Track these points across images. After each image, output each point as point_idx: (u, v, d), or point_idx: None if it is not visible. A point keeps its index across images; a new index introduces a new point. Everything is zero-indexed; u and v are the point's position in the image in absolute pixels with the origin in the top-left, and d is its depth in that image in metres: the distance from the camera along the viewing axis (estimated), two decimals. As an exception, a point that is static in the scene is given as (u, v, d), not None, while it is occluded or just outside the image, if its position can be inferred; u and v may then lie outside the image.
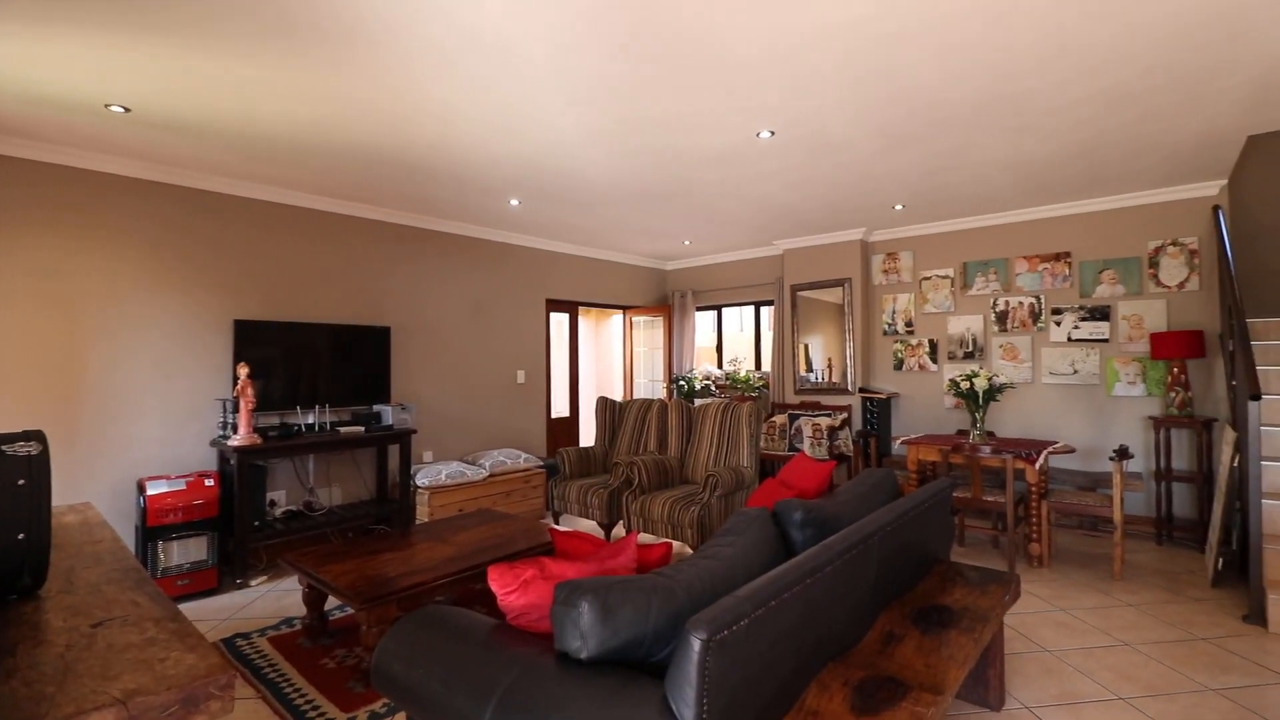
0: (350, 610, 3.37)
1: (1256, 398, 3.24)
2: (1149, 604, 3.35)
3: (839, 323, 6.23)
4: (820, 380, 6.35)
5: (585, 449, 5.07)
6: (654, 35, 2.48)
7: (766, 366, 7.12)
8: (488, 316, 5.93)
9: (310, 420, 4.46)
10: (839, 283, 6.21)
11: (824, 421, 5.61)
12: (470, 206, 5.06)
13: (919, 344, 5.93)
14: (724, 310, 7.62)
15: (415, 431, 4.74)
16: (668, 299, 7.86)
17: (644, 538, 4.50)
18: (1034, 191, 4.83)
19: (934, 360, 5.84)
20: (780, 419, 5.95)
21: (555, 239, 6.38)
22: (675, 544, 4.24)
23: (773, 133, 3.53)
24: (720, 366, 7.49)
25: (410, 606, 2.70)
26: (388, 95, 3.00)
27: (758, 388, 6.67)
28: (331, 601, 3.43)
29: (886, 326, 6.15)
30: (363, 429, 4.48)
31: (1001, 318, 5.51)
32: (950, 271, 5.80)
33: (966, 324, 5.68)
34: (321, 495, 4.64)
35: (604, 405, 5.29)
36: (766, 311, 7.15)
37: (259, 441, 3.89)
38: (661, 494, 4.17)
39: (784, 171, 4.22)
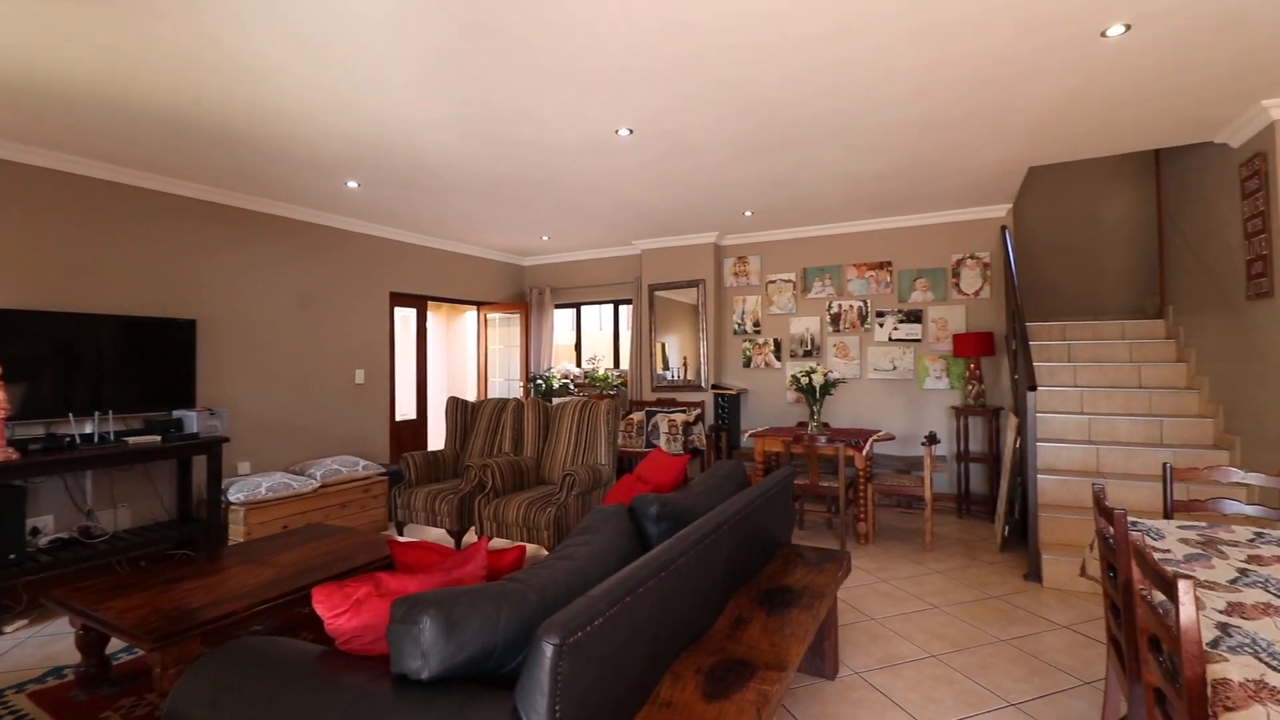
0: (141, 651, 2.87)
1: (1033, 389, 3.87)
2: (953, 570, 3.87)
3: (694, 322, 6.49)
4: (676, 378, 6.58)
5: (434, 453, 4.79)
6: (507, 16, 2.39)
7: (625, 365, 7.24)
8: (322, 310, 5.39)
9: (88, 430, 3.74)
10: (694, 284, 6.47)
11: (679, 417, 5.82)
12: (301, 186, 4.56)
13: (765, 343, 6.36)
14: (583, 308, 7.63)
15: (227, 440, 4.17)
16: (525, 295, 7.69)
17: (498, 543, 4.34)
18: (862, 206, 5.38)
19: (778, 358, 6.30)
20: (638, 416, 6.07)
21: (401, 227, 5.97)
22: (530, 547, 4.14)
23: (631, 130, 3.57)
24: (579, 365, 7.49)
25: (220, 642, 2.35)
26: (195, 47, 2.59)
27: (616, 386, 6.75)
28: (117, 643, 2.90)
29: (737, 326, 6.52)
30: (159, 438, 3.86)
31: (835, 319, 6.08)
32: (793, 276, 6.28)
33: (806, 324, 6.19)
34: (104, 519, 3.92)
35: (455, 406, 5.04)
36: (625, 310, 7.27)
37: (14, 456, 3.19)
38: (517, 496, 4.05)
39: (642, 170, 4.30)
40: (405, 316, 6.51)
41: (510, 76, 2.89)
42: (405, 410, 6.43)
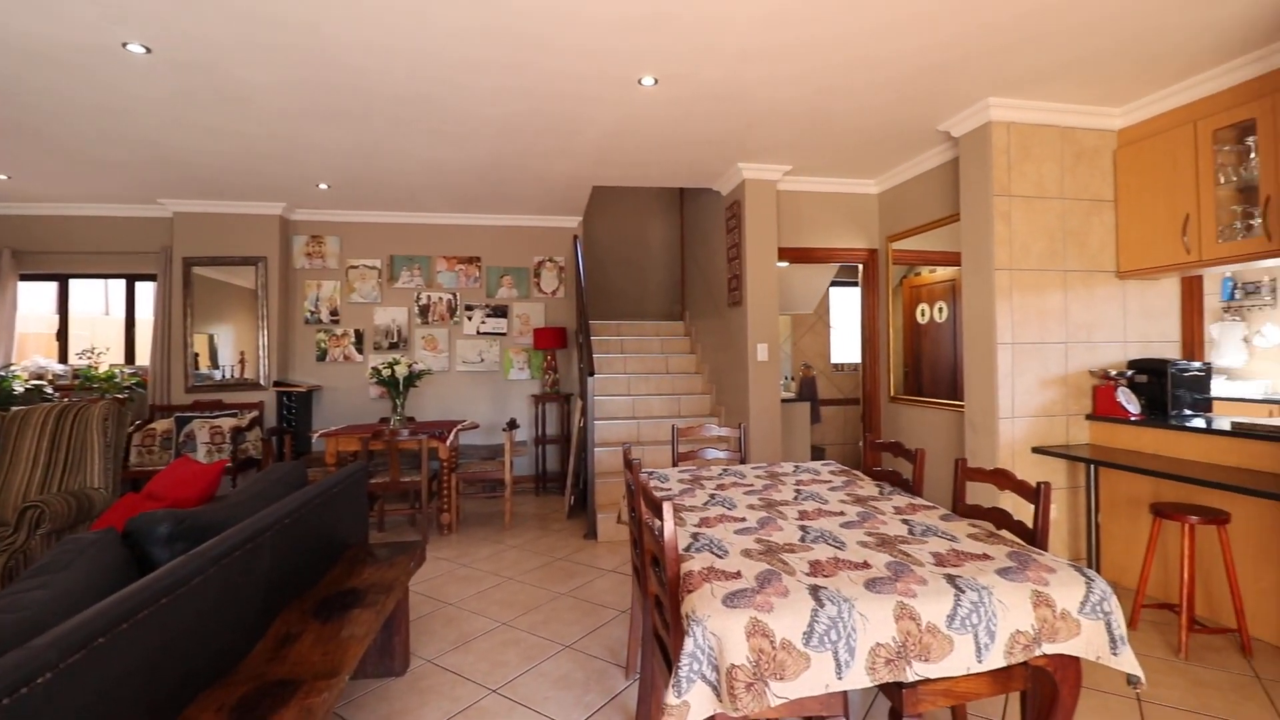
0: None
1: (592, 374, 4.55)
2: (527, 542, 4.25)
3: (252, 309, 5.54)
4: (229, 375, 5.50)
5: None
6: None
7: (146, 360, 5.68)
8: None
9: None
10: (252, 261, 5.52)
11: (227, 423, 4.87)
12: None
13: (344, 334, 5.88)
14: (74, 282, 5.69)
15: None
16: (-37, 259, 5.31)
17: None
18: (453, 198, 5.46)
19: (360, 350, 5.90)
20: (164, 424, 4.84)
21: None
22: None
23: (148, 49, 2.81)
24: (64, 360, 5.55)
25: None
26: None
27: (129, 387, 5.25)
28: None
29: (309, 315, 5.84)
30: None
31: (424, 311, 6.02)
32: (378, 263, 5.96)
33: (392, 315, 5.96)
34: None
35: None
36: (147, 289, 5.72)
37: None
38: (-70, 550, 2.74)
39: (172, 106, 3.44)
40: None
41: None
42: None
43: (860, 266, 5.28)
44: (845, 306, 7.61)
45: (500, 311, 6.16)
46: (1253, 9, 2.54)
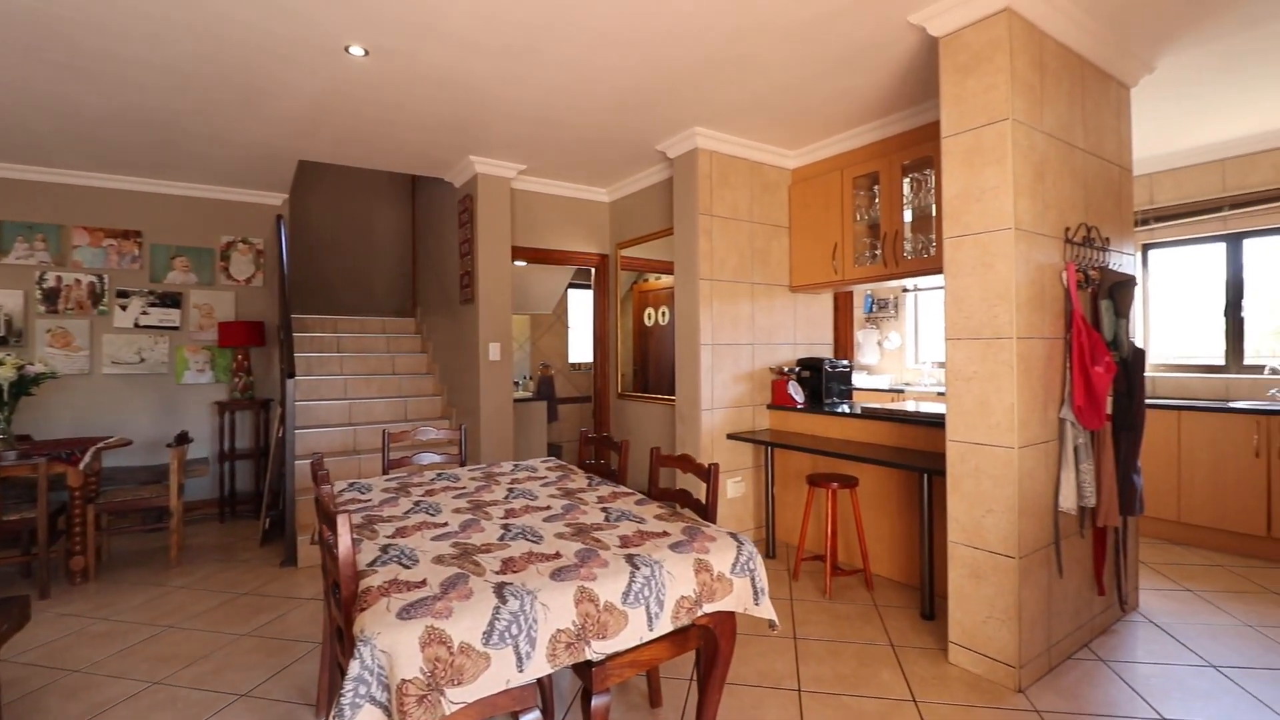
0: None
1: (292, 376, 4.04)
2: (201, 579, 3.59)
3: None
4: None
5: None
6: None
7: None
8: None
9: None
10: None
11: None
12: None
13: (-88, 323, 4.32)
14: None
15: None
16: None
17: None
18: (98, 154, 4.36)
19: (-60, 347, 4.39)
20: None
21: None
22: None
23: None
24: None
25: None
26: None
27: None
28: None
29: None
30: None
31: (51, 296, 4.71)
32: (-26, 228, 4.51)
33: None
34: None
35: None
36: None
37: None
38: None
39: None
40: None
41: None
42: None
43: (593, 270, 5.57)
44: (583, 308, 7.95)
45: (171, 300, 5.12)
46: (876, 79, 3.26)
